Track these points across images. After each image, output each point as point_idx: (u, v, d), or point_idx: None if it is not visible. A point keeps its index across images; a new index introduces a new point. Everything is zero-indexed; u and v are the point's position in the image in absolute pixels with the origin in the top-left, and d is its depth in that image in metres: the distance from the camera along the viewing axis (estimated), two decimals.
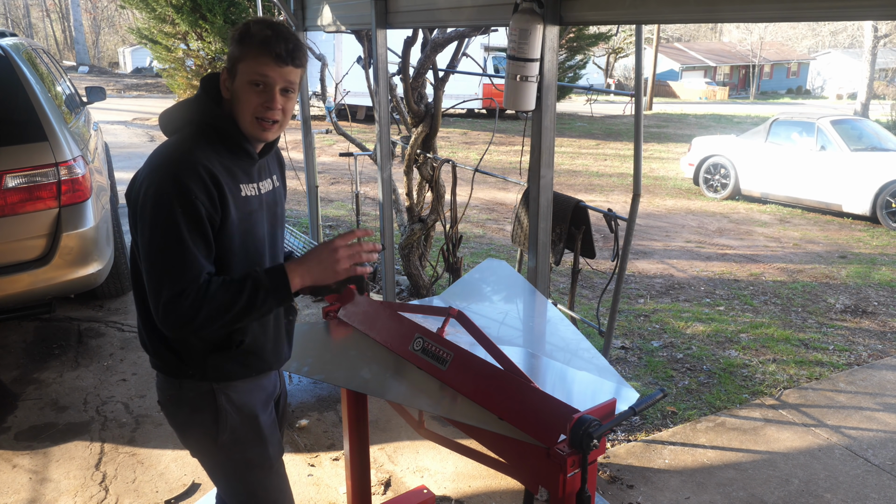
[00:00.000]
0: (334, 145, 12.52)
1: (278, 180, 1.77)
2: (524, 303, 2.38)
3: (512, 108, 2.77)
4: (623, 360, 4.34)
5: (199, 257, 1.47)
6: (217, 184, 1.50)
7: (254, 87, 1.51)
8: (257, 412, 1.70)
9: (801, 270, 6.58)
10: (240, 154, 1.59)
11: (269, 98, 1.52)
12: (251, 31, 1.51)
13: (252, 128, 1.55)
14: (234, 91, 1.54)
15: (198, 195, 1.46)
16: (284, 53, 1.50)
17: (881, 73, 38.49)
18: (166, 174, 1.47)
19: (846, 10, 1.98)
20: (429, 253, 5.00)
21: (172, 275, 1.45)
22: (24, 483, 2.91)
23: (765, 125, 10.06)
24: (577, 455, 1.48)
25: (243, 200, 1.58)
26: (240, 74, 1.52)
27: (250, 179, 1.62)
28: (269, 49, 1.49)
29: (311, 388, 3.75)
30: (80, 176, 3.64)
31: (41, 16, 45.73)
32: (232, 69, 1.54)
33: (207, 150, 1.53)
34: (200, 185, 1.47)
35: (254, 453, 1.72)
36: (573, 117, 21.67)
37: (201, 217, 1.47)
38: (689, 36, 51.72)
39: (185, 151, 1.51)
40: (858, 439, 3.41)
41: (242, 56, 1.52)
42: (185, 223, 1.45)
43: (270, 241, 1.69)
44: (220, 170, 1.52)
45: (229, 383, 1.65)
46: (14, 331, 4.40)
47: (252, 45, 1.50)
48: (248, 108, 1.53)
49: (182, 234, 1.44)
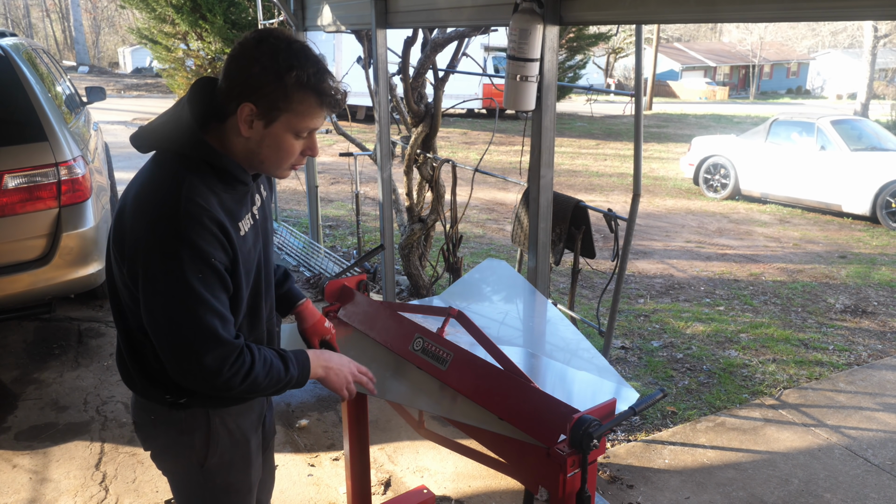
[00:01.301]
0: (334, 145, 12.52)
1: (265, 188, 1.61)
2: (524, 303, 2.38)
3: (512, 108, 2.77)
4: (623, 360, 4.34)
5: (226, 316, 1.36)
6: (226, 232, 1.35)
7: (297, 137, 1.36)
8: (249, 436, 1.62)
9: (801, 270, 6.58)
10: (234, 185, 1.42)
11: (311, 146, 1.40)
12: (307, 78, 1.31)
13: (281, 173, 1.42)
14: (266, 135, 1.35)
15: (214, 254, 1.32)
16: (336, 106, 1.36)
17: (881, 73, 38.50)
18: (173, 233, 1.28)
19: (846, 10, 1.98)
20: (429, 253, 5.00)
21: (205, 343, 1.32)
22: (24, 483, 2.91)
23: (765, 125, 10.06)
24: (577, 455, 1.48)
25: (243, 240, 1.43)
26: (280, 123, 1.34)
27: (247, 210, 1.47)
28: (326, 102, 1.34)
29: (311, 388, 3.75)
30: (80, 176, 3.64)
31: (41, 16, 45.74)
32: (269, 114, 1.33)
33: (203, 191, 1.34)
34: (214, 241, 1.32)
35: (237, 478, 1.63)
36: (573, 117, 21.67)
37: (223, 275, 1.35)
38: (689, 36, 51.73)
39: (187, 200, 1.30)
40: (858, 439, 3.41)
41: (290, 105, 1.32)
42: (211, 286, 1.32)
43: (265, 264, 1.57)
44: (222, 213, 1.36)
45: (223, 408, 1.56)
46: (14, 331, 4.40)
47: (307, 96, 1.32)
48: (288, 158, 1.39)
49: (207, 299, 1.31)
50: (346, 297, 2.25)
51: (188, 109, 1.37)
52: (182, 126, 1.36)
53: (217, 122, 1.38)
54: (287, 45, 1.32)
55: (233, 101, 1.34)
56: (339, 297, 2.26)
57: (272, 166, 1.41)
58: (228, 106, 1.35)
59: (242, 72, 1.32)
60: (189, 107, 1.37)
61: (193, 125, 1.35)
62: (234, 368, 1.36)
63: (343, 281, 2.27)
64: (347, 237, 6.88)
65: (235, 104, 1.33)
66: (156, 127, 1.40)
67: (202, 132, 1.36)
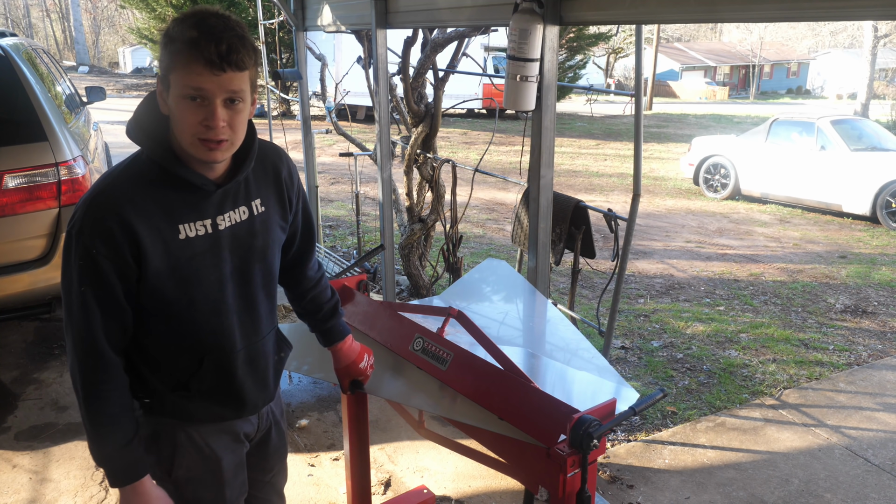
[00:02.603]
0: (334, 145, 12.52)
1: (265, 204, 1.49)
2: (524, 303, 2.38)
3: (512, 108, 2.77)
4: (623, 360, 4.34)
5: (97, 323, 1.33)
6: (131, 233, 1.29)
7: (190, 101, 1.25)
8: (220, 455, 1.54)
9: (801, 270, 6.58)
10: (186, 187, 1.34)
11: (208, 114, 1.26)
12: (172, 32, 1.25)
13: (195, 150, 1.30)
14: (171, 108, 1.29)
15: (100, 249, 1.28)
16: (217, 57, 1.22)
17: (881, 73, 38.49)
18: (78, 218, 1.30)
19: (846, 10, 1.98)
20: (429, 253, 5.00)
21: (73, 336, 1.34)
22: (24, 483, 2.91)
23: (765, 125, 10.06)
24: (577, 455, 1.48)
25: (182, 244, 1.35)
26: (173, 87, 1.26)
27: (200, 216, 1.37)
28: (198, 54, 1.22)
29: (311, 388, 3.75)
30: (81, 176, 3.64)
31: (41, 16, 45.74)
32: (164, 80, 1.28)
33: (140, 187, 1.31)
34: (104, 237, 1.28)
35: (207, 495, 1.56)
36: (573, 117, 21.67)
37: (101, 274, 1.30)
38: (689, 36, 51.72)
39: (103, 192, 1.31)
40: (858, 439, 3.41)
41: (172, 65, 1.25)
42: (88, 280, 1.31)
43: (240, 281, 1.46)
44: (152, 211, 1.31)
45: (191, 424, 1.50)
46: (14, 331, 4.40)
47: (178, 51, 1.23)
48: (187, 127, 1.27)
49: (83, 294, 1.31)
50: (346, 297, 2.25)
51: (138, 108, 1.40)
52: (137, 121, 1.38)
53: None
54: (185, 15, 1.28)
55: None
56: (340, 297, 2.26)
57: (182, 141, 1.31)
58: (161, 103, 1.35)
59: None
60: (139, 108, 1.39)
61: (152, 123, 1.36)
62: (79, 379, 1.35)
63: (343, 281, 2.28)
64: (347, 237, 6.88)
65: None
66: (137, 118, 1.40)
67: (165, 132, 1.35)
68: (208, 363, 1.46)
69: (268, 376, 1.60)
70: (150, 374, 1.46)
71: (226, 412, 1.54)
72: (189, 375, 1.46)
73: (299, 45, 4.97)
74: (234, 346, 1.49)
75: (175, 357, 1.45)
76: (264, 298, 1.55)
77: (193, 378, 1.46)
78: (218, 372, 1.48)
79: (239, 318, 1.49)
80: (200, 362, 1.46)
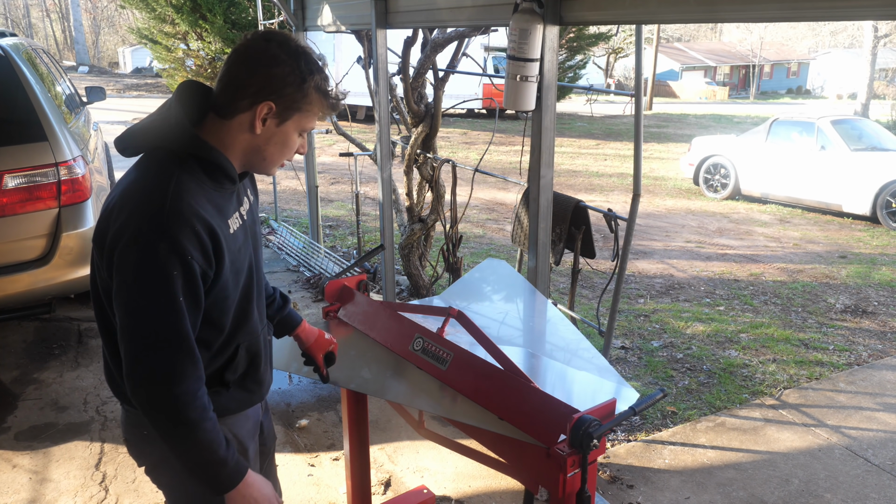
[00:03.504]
0: (334, 145, 12.52)
1: (252, 194, 1.61)
2: (524, 303, 2.38)
3: (512, 108, 2.77)
4: (623, 360, 4.34)
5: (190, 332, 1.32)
6: (213, 234, 1.33)
7: (299, 136, 1.44)
8: (247, 444, 1.60)
9: (801, 270, 6.58)
10: (223, 183, 1.42)
11: (304, 144, 1.49)
12: (304, 70, 1.37)
13: (272, 170, 1.47)
14: (276, 133, 1.40)
15: (193, 254, 1.29)
16: (337, 106, 1.46)
17: (881, 73, 38.48)
18: (155, 227, 1.26)
19: (846, 10, 1.98)
20: (429, 253, 5.00)
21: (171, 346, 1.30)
22: (24, 483, 2.91)
23: (765, 125, 10.06)
24: (577, 455, 1.48)
25: (233, 238, 1.42)
26: (292, 122, 1.40)
27: (235, 208, 1.47)
28: (329, 110, 1.44)
29: (311, 388, 3.75)
30: (80, 176, 3.64)
31: (41, 16, 45.74)
32: (284, 113, 1.38)
33: (193, 189, 1.34)
34: (196, 241, 1.29)
35: None
36: (573, 117, 21.67)
37: (196, 278, 1.31)
38: (689, 36, 51.72)
39: (175, 197, 1.29)
40: (858, 439, 3.41)
41: (305, 108, 1.40)
42: (181, 287, 1.29)
43: (256, 267, 1.55)
44: (211, 211, 1.35)
45: (222, 418, 1.49)
46: (14, 331, 4.40)
47: (313, 100, 1.40)
48: (286, 155, 1.46)
49: (176, 297, 1.29)
50: (346, 297, 2.25)
51: (179, 108, 1.37)
52: (171, 124, 1.36)
53: (219, 118, 1.38)
54: (303, 51, 1.39)
55: (247, 98, 1.35)
56: (340, 297, 2.26)
57: (271, 163, 1.45)
58: (240, 103, 1.36)
59: (263, 71, 1.35)
60: (180, 105, 1.38)
61: (184, 122, 1.35)
62: (183, 386, 1.30)
63: (343, 281, 2.28)
64: (347, 237, 6.88)
65: (250, 101, 1.36)
66: (143, 127, 1.39)
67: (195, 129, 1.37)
68: (242, 351, 1.52)
69: (272, 357, 1.71)
70: None
71: (252, 398, 1.60)
72: (224, 367, 1.50)
73: None
74: (258, 331, 1.57)
75: (213, 352, 1.47)
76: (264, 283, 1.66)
77: (228, 369, 1.50)
78: (249, 357, 1.55)
79: (258, 303, 1.57)
80: (235, 351, 1.51)
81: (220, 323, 1.44)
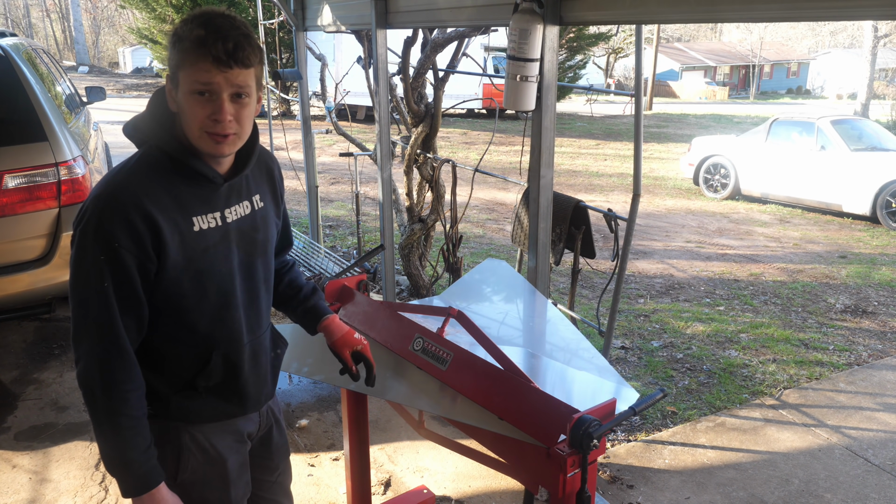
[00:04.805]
0: (334, 145, 12.51)
1: (263, 200, 1.56)
2: (524, 303, 2.38)
3: (512, 108, 2.77)
4: (623, 360, 4.34)
5: (118, 321, 1.33)
6: (153, 225, 1.32)
7: (198, 96, 1.31)
8: (225, 456, 1.55)
9: (801, 270, 6.58)
10: (197, 180, 1.39)
11: (216, 108, 1.31)
12: (181, 31, 1.31)
13: (203, 143, 1.35)
14: (179, 103, 1.34)
15: (122, 242, 1.29)
16: (224, 54, 1.28)
17: (881, 73, 38.48)
18: (94, 212, 1.30)
19: (846, 10, 1.98)
20: (429, 253, 5.00)
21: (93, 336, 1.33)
22: (24, 483, 2.91)
23: (765, 125, 10.05)
24: (577, 455, 1.48)
25: (196, 236, 1.39)
26: (182, 84, 1.32)
27: (211, 208, 1.42)
28: (206, 51, 1.28)
29: (311, 388, 3.75)
30: (80, 176, 3.64)
31: (41, 16, 45.74)
32: (173, 77, 1.34)
33: (154, 180, 1.35)
34: (127, 230, 1.29)
35: (214, 496, 1.56)
36: (573, 117, 21.67)
37: (126, 268, 1.31)
38: (689, 36, 51.72)
39: (120, 185, 1.33)
40: (858, 439, 3.41)
41: (181, 62, 1.31)
42: (109, 274, 1.31)
43: (246, 274, 1.51)
44: (167, 204, 1.34)
45: (195, 425, 1.50)
46: (14, 331, 4.40)
47: (187, 49, 1.29)
48: (195, 121, 1.32)
49: (102, 286, 1.31)
50: (346, 297, 2.25)
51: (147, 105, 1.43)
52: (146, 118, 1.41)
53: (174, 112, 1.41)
54: (192, 16, 1.33)
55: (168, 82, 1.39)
56: (339, 297, 2.26)
57: (190, 135, 1.36)
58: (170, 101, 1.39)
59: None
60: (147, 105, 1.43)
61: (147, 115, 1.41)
62: (106, 376, 1.32)
63: (343, 281, 2.27)
64: (347, 237, 6.88)
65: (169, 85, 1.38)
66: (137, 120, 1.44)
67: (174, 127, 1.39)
68: (217, 358, 1.48)
69: (267, 372, 1.63)
70: (154, 377, 1.45)
71: (231, 409, 1.55)
72: (196, 373, 1.47)
73: (299, 45, 4.97)
74: (241, 340, 1.52)
75: (183, 354, 1.46)
76: (264, 293, 1.59)
77: (200, 375, 1.47)
78: (226, 367, 1.51)
79: (245, 311, 1.52)
80: (209, 358, 1.47)
81: (184, 322, 1.43)
